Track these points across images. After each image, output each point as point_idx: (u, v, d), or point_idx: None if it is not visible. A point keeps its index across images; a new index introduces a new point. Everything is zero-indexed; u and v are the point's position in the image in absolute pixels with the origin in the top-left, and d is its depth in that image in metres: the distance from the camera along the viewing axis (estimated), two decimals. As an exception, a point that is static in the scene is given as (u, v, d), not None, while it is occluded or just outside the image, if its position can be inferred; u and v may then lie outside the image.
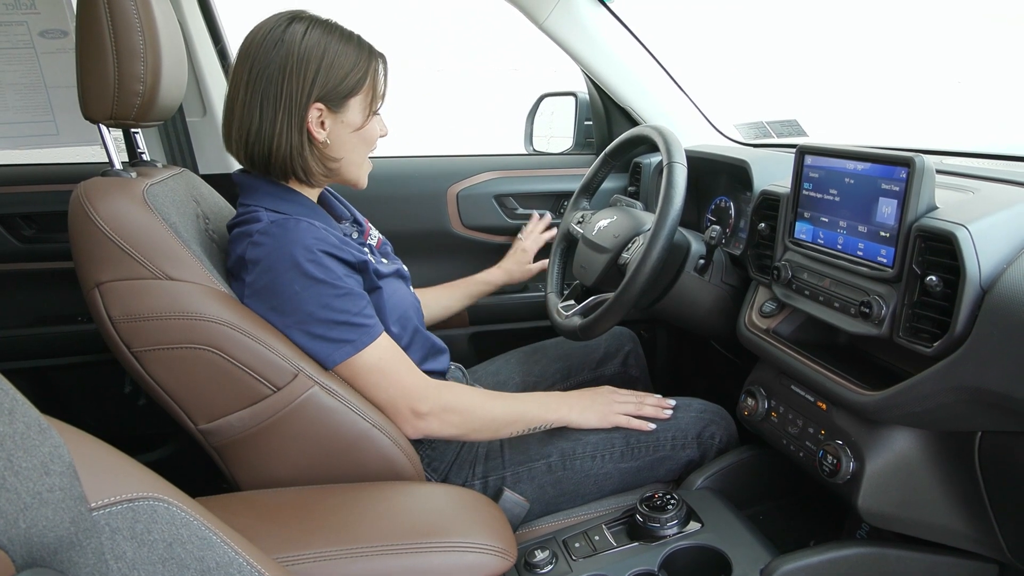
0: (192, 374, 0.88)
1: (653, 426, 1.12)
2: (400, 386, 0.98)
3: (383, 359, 0.97)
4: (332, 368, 0.94)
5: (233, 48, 1.55)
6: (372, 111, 1.02)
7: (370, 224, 1.19)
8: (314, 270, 0.91)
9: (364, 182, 1.08)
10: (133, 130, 1.07)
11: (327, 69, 0.95)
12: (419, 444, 1.08)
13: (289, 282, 0.90)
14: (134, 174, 0.95)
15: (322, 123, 0.97)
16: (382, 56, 1.03)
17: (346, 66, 0.96)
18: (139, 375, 0.88)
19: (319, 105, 0.95)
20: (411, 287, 1.17)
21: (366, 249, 1.07)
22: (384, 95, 1.04)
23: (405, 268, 1.17)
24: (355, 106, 0.98)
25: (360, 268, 0.99)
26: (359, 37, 1.00)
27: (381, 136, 1.06)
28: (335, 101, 0.96)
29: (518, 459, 1.10)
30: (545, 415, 1.09)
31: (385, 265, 1.10)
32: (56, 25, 1.38)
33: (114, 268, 0.85)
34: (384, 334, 0.98)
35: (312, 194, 1.05)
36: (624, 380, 1.40)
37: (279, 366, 0.89)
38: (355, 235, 1.11)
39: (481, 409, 1.03)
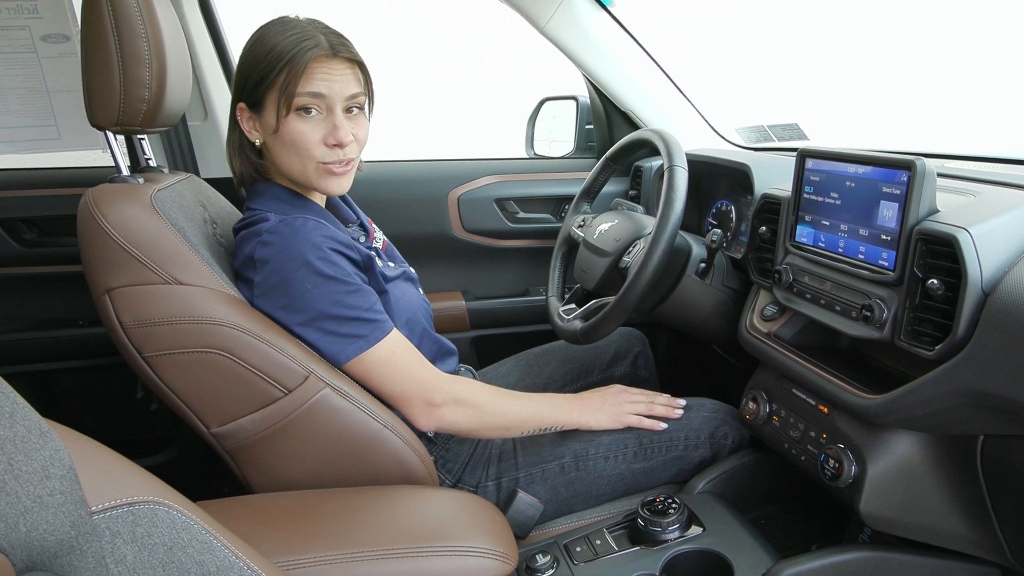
0: (204, 378, 0.88)
1: (664, 425, 1.12)
2: (413, 378, 0.97)
3: (395, 353, 0.97)
4: (345, 364, 0.94)
5: (235, 50, 1.55)
6: (288, 110, 0.90)
7: (375, 226, 1.19)
8: (324, 267, 0.91)
9: (330, 187, 0.97)
10: (139, 136, 1.07)
11: (244, 65, 0.93)
12: (432, 445, 1.07)
13: (300, 280, 0.90)
14: (141, 180, 0.95)
15: (255, 124, 0.96)
16: (315, 48, 0.89)
17: (259, 61, 0.90)
18: (151, 380, 0.88)
19: (241, 104, 0.95)
20: (420, 289, 1.17)
21: (372, 252, 1.06)
22: (312, 93, 0.90)
23: (412, 271, 1.17)
24: (270, 106, 0.92)
25: (367, 268, 0.99)
26: (301, 29, 0.90)
27: (332, 144, 0.93)
28: (251, 99, 0.94)
29: (531, 460, 1.10)
30: (556, 417, 1.08)
31: (392, 268, 1.10)
32: (58, 30, 1.39)
33: (124, 274, 0.86)
34: (395, 329, 0.98)
35: (319, 198, 1.05)
36: (634, 381, 1.39)
37: (290, 368, 0.89)
38: (362, 239, 1.10)
39: (493, 405, 1.03)
